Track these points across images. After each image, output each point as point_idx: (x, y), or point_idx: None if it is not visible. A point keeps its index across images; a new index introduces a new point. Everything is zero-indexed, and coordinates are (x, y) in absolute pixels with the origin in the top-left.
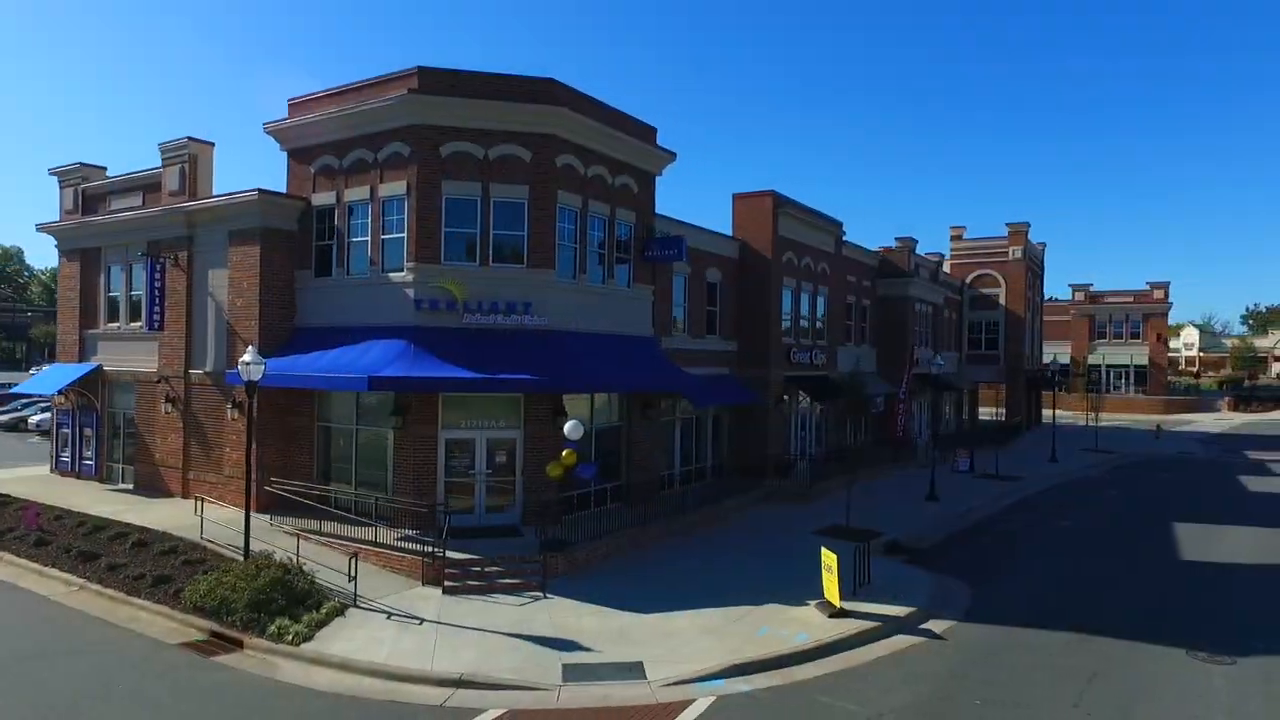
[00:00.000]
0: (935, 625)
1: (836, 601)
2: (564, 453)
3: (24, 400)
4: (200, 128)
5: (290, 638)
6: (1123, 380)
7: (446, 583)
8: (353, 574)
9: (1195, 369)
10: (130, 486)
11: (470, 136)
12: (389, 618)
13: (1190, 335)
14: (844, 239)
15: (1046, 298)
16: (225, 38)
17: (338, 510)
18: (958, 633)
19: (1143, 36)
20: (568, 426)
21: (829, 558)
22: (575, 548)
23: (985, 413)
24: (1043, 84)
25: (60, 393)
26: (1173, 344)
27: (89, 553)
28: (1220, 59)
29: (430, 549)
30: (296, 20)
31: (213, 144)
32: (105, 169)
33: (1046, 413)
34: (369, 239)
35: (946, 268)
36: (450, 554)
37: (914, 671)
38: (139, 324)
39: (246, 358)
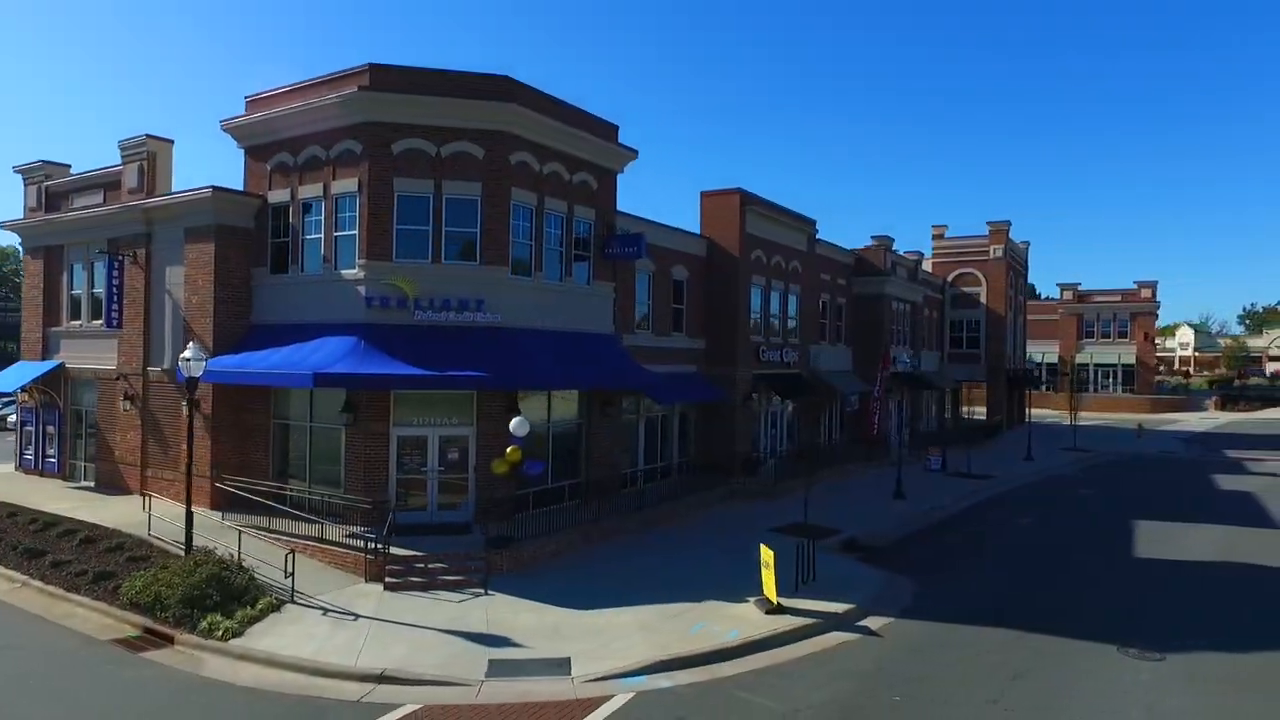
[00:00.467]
0: (873, 622)
1: (774, 598)
2: (509, 449)
3: (6, 399)
4: (197, 125)
5: (220, 633)
6: (1110, 379)
7: (388, 579)
8: (289, 570)
9: (1190, 368)
10: (92, 484)
11: (422, 133)
12: (325, 614)
13: (1185, 335)
14: (817, 237)
15: (1044, 296)
16: (227, 37)
17: (292, 508)
18: (894, 630)
19: (1142, 36)
20: (514, 423)
21: (767, 554)
22: (522, 545)
23: (972, 412)
24: (1041, 82)
25: (23, 390)
26: (1168, 344)
27: (35, 549)
28: (1220, 59)
29: (374, 545)
30: (297, 20)
31: (171, 141)
32: (69, 166)
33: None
34: (322, 236)
35: (928, 266)
36: (394, 550)
37: (840, 668)
38: (100, 322)
39: (187, 354)
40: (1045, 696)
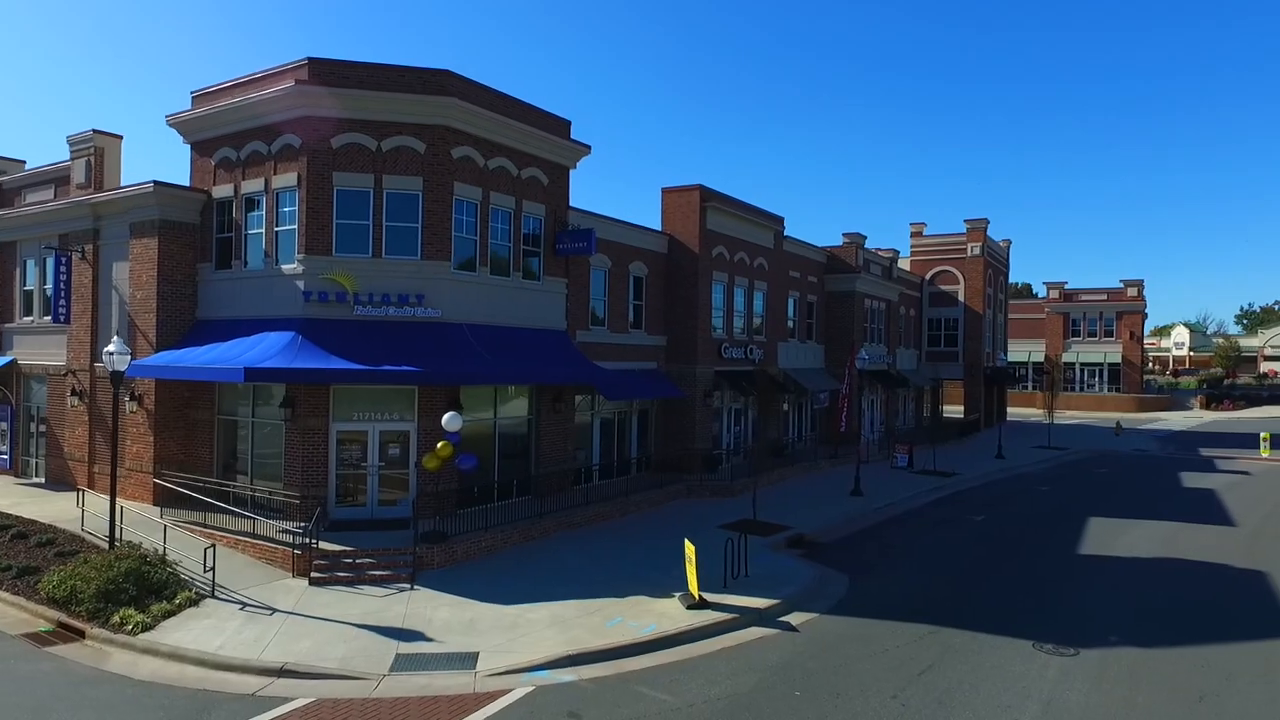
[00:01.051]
0: (796, 618)
1: (695, 593)
2: (439, 445)
3: None
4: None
5: (130, 627)
6: (1097, 378)
7: (314, 574)
8: (209, 564)
9: (1185, 368)
10: (42, 480)
11: (362, 128)
12: (242, 608)
13: (1181, 335)
14: (786, 234)
15: (1041, 295)
16: (212, 35)
17: (234, 503)
18: (815, 625)
19: (1140, 55)
20: (445, 419)
21: (689, 549)
22: (454, 540)
23: (955, 410)
24: (1040, 80)
25: None
26: (1163, 343)
27: None
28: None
29: (304, 540)
30: (278, 16)
31: (120, 136)
32: (24, 162)
33: (1011, 409)
34: (264, 231)
35: (907, 265)
36: (323, 545)
37: (747, 663)
38: (50, 317)
39: (111, 348)
40: (946, 692)
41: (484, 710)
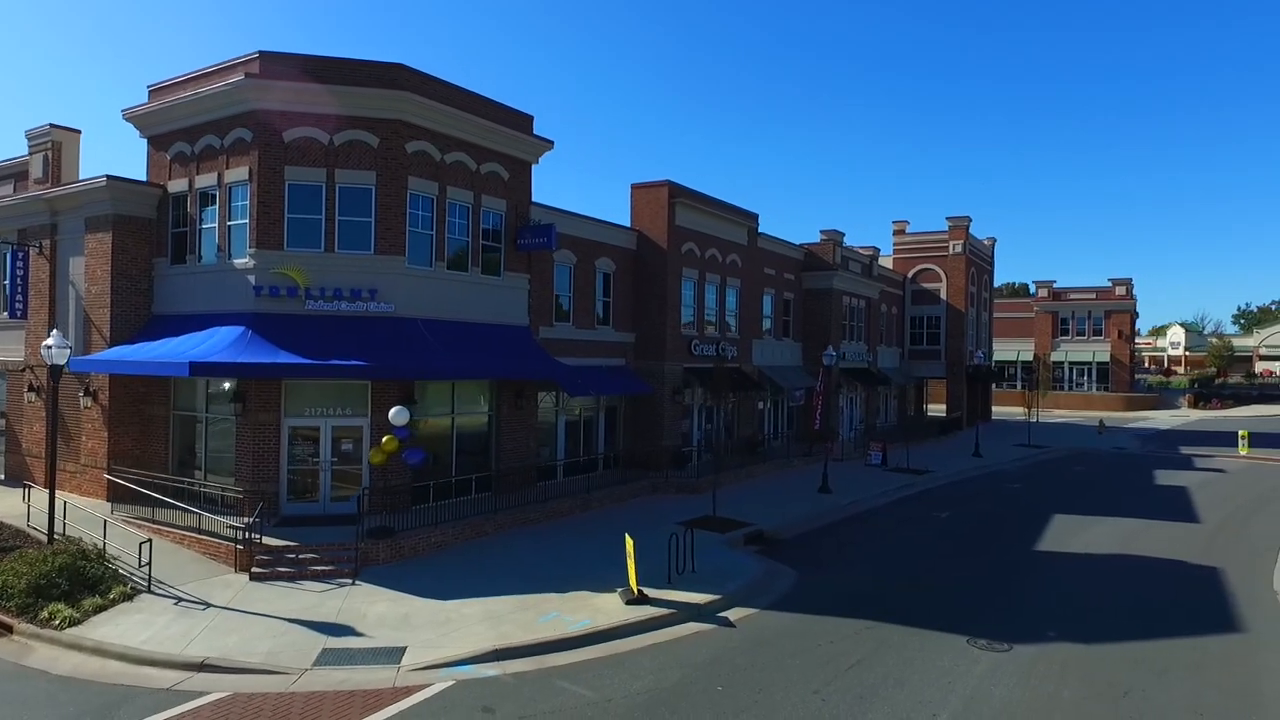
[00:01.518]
0: (735, 613)
1: (635, 588)
2: (384, 439)
3: None
4: None
5: (58, 622)
6: (1085, 377)
7: (254, 569)
8: (144, 559)
9: (1180, 367)
10: (2, 477)
11: (314, 122)
12: (177, 603)
13: (1177, 334)
14: (759, 231)
15: (1035, 294)
16: (204, 31)
17: (187, 499)
18: (753, 621)
19: (1138, 54)
20: (392, 413)
21: (629, 544)
22: (402, 535)
23: (941, 410)
24: (1040, 80)
25: None
26: (1159, 342)
27: None
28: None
29: (246, 535)
30: (303, 22)
31: (79, 131)
32: None
33: (999, 408)
34: (217, 226)
35: (889, 263)
36: (267, 541)
37: (676, 658)
38: (8, 313)
39: (49, 342)
40: (870, 687)
41: (399, 704)
